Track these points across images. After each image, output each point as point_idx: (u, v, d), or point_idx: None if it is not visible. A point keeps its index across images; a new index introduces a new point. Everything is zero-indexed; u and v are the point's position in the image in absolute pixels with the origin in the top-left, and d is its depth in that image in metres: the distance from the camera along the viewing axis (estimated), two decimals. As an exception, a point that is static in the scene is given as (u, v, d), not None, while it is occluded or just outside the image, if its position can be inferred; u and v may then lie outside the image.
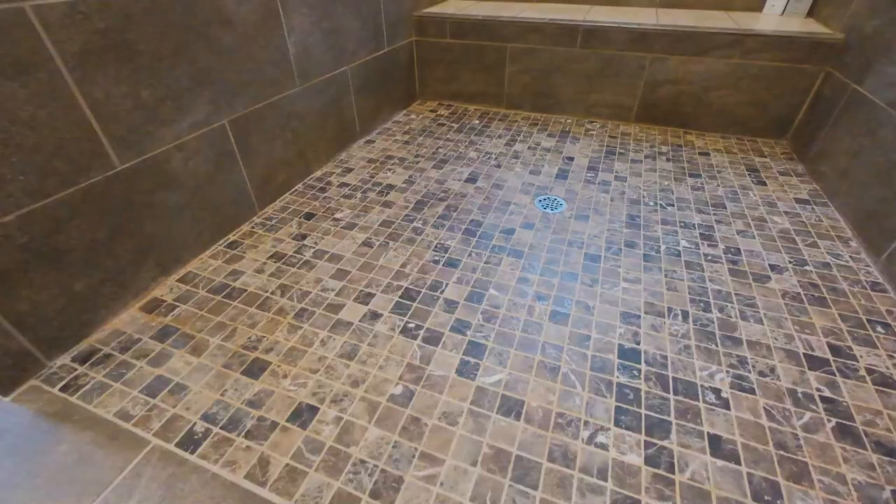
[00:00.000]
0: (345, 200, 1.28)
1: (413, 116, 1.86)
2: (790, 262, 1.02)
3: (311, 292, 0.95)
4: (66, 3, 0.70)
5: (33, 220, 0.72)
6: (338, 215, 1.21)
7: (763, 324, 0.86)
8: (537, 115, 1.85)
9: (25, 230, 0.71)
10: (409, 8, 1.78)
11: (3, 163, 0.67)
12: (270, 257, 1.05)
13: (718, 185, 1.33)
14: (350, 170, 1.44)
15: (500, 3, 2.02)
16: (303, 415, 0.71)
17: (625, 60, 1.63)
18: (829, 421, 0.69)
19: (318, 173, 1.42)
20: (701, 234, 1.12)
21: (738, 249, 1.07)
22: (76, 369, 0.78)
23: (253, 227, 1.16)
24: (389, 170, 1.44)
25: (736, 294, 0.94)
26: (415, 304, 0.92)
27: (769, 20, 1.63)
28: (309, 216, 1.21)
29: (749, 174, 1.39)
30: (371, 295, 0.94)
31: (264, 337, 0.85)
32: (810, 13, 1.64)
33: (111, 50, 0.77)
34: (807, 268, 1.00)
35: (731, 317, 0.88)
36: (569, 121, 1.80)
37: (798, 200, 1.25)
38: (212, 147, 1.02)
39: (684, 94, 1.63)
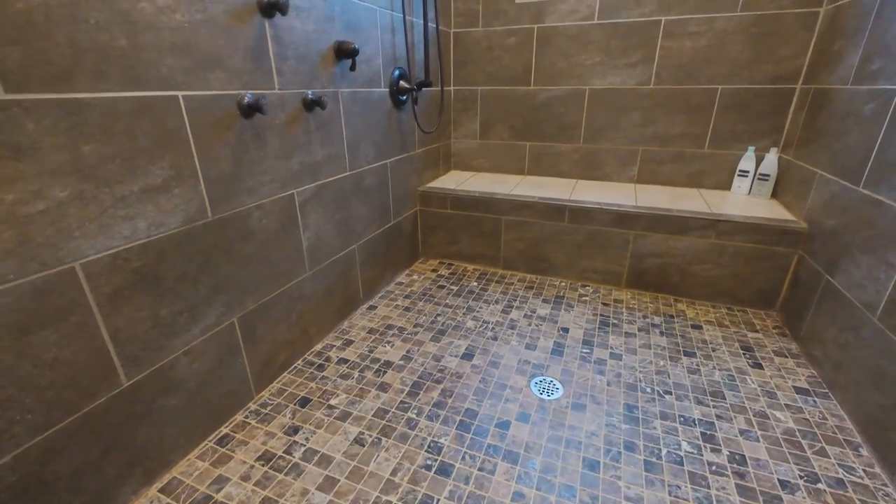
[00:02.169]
0: (342, 382, 1.29)
1: (415, 277, 1.97)
2: (801, 477, 0.97)
3: (294, 509, 0.91)
4: (110, 255, 0.81)
5: (28, 455, 0.73)
6: (333, 401, 1.21)
7: (783, 569, 0.79)
8: (533, 278, 1.96)
9: (18, 468, 0.72)
10: (415, 184, 2.03)
11: (15, 406, 0.71)
12: (259, 458, 1.03)
13: (714, 368, 1.33)
14: (350, 342, 1.48)
15: (495, 175, 2.29)
16: None
17: (610, 235, 1.78)
18: None
19: (319, 347, 1.46)
20: (702, 433, 1.09)
21: (744, 457, 1.02)
22: None
23: (246, 417, 1.16)
24: (388, 342, 1.48)
25: (747, 523, 0.87)
26: (402, 531, 0.86)
27: (738, 199, 1.81)
28: (304, 402, 1.21)
29: (744, 353, 1.40)
30: (357, 515, 0.89)
31: (237, 577, 0.78)
32: (774, 195, 1.83)
33: (141, 282, 0.87)
34: (819, 486, 0.95)
35: (745, 558, 0.81)
36: (562, 284, 1.89)
37: (798, 390, 1.24)
38: (218, 346, 1.07)
39: (670, 265, 1.73)
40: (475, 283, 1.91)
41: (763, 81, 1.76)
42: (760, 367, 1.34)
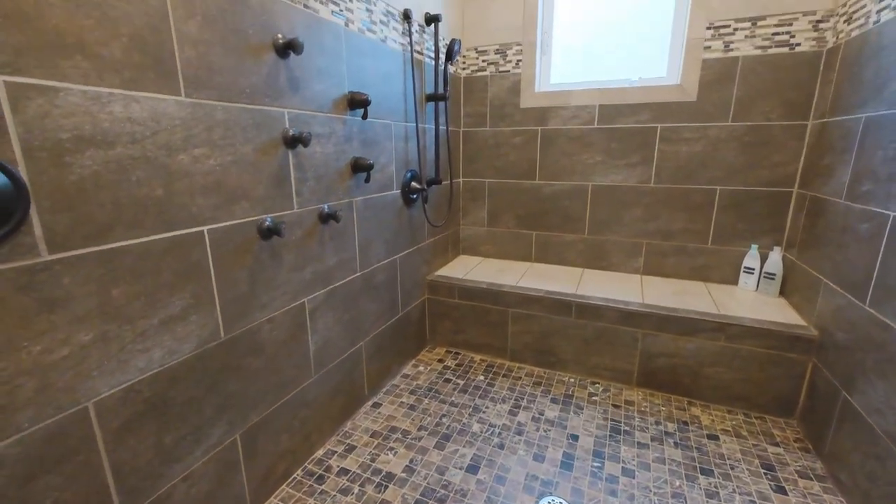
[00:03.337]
0: (341, 498, 1.24)
1: (421, 369, 1.96)
2: None
3: None
4: (123, 389, 0.83)
5: None
6: (331, 523, 1.16)
7: None
8: (541, 372, 1.92)
9: None
10: (423, 273, 2.07)
11: (9, 560, 0.69)
12: None
13: (735, 492, 1.25)
14: (352, 448, 1.44)
15: (503, 262, 2.34)
16: None
17: (618, 333, 1.77)
18: None
19: (320, 453, 1.42)
20: (726, 578, 1.01)
21: None
22: None
23: (240, 542, 1.11)
24: (391, 449, 1.44)
25: None
26: None
27: (746, 297, 1.81)
28: (301, 524, 1.16)
29: (765, 473, 1.32)
30: None
31: None
32: (782, 292, 1.82)
33: (150, 412, 0.89)
34: None
35: None
36: (571, 380, 1.85)
37: (827, 524, 1.15)
38: (218, 465, 1.06)
39: (681, 366, 1.70)
40: (482, 377, 1.88)
41: (759, 184, 1.83)
42: (784, 491, 1.26)
